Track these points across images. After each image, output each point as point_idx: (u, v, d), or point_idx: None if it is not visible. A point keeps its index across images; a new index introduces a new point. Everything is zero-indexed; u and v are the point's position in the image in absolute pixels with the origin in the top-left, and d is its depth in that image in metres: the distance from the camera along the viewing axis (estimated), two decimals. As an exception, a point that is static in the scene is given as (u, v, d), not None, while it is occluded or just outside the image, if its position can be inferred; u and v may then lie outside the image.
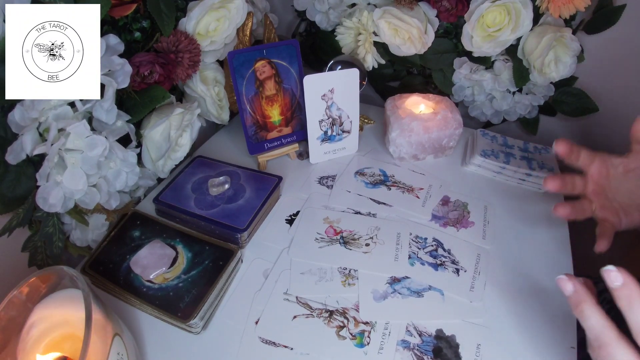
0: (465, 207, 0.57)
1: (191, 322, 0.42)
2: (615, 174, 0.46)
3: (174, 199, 0.55)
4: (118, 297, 0.46)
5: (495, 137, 0.67)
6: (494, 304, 0.46)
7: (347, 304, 0.45)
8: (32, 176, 0.44)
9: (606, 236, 0.45)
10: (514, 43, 0.65)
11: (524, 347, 0.42)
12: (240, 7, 0.57)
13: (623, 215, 0.46)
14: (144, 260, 0.46)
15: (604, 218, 0.46)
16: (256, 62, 0.57)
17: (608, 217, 0.46)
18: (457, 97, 0.74)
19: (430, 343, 0.42)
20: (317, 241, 0.52)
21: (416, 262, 0.49)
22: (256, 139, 0.62)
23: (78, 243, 0.52)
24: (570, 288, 0.32)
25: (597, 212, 0.47)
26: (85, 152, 0.43)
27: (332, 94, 0.60)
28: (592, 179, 0.47)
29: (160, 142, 0.53)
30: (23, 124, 0.42)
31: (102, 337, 0.31)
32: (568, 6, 0.58)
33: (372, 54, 0.69)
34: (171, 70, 0.53)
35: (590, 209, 0.47)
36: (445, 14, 0.64)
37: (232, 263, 0.47)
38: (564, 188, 0.47)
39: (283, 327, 0.43)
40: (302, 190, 0.60)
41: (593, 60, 0.66)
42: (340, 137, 0.65)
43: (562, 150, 0.47)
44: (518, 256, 0.51)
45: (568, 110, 0.70)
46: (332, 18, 0.74)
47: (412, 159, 0.65)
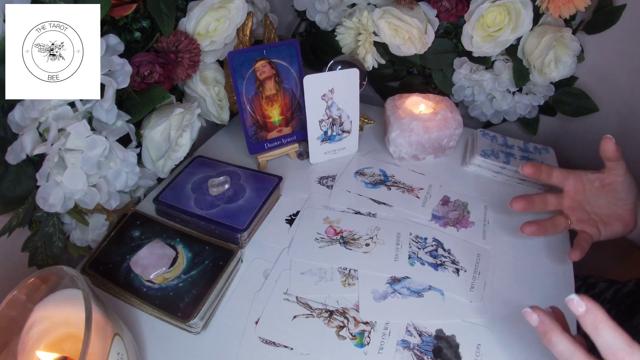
0: (465, 207, 0.57)
1: (191, 322, 0.42)
2: (592, 188, 0.48)
3: (174, 199, 0.55)
4: (118, 297, 0.46)
5: (495, 137, 0.67)
6: (494, 304, 0.46)
7: (347, 304, 0.45)
8: (32, 176, 0.44)
9: (580, 247, 0.47)
10: (514, 43, 0.65)
11: (524, 347, 0.42)
12: (240, 7, 0.57)
13: (602, 227, 0.48)
14: (144, 260, 0.46)
15: (582, 230, 0.48)
16: (256, 62, 0.57)
17: (586, 229, 0.48)
18: (457, 97, 0.74)
19: (430, 343, 0.42)
20: (317, 241, 0.52)
21: (416, 262, 0.49)
22: (256, 139, 0.62)
23: (78, 243, 0.52)
24: (535, 319, 0.34)
25: (575, 225, 0.49)
26: (85, 152, 0.43)
27: (332, 94, 0.60)
28: (568, 195, 0.49)
29: (160, 142, 0.53)
30: (23, 124, 0.42)
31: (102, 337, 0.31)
32: (568, 6, 0.58)
33: (372, 54, 0.69)
34: (171, 70, 0.53)
35: (566, 223, 0.49)
36: (445, 14, 0.64)
37: (232, 263, 0.47)
38: (530, 207, 0.49)
39: (283, 327, 0.43)
40: (302, 190, 0.60)
41: (593, 60, 0.66)
42: (340, 137, 0.65)
43: (528, 173, 0.49)
44: (518, 256, 0.51)
45: (568, 110, 0.70)
46: (332, 18, 0.74)
47: (412, 159, 0.65)
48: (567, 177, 0.49)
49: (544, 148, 0.65)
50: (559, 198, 0.50)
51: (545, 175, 0.49)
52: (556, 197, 0.50)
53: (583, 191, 0.49)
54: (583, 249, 0.47)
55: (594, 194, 0.48)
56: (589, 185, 0.48)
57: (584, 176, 0.48)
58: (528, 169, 0.48)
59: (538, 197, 0.49)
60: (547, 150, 0.65)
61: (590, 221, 0.48)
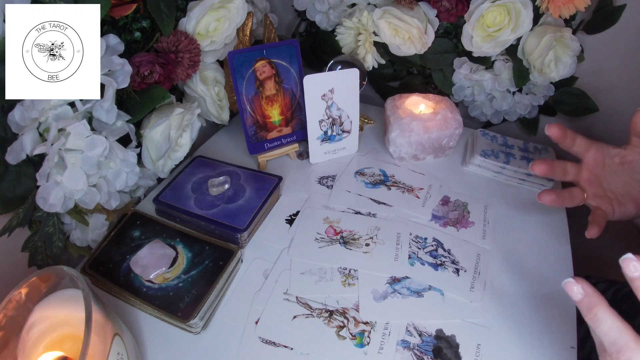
0: (465, 207, 0.57)
1: (191, 322, 0.42)
2: (611, 164, 0.46)
3: (174, 199, 0.55)
4: (118, 297, 0.46)
5: (495, 137, 0.67)
6: (494, 304, 0.46)
7: (347, 304, 0.45)
8: (32, 176, 0.44)
9: (597, 223, 0.44)
10: (514, 43, 0.65)
11: (524, 347, 0.42)
12: (240, 7, 0.57)
13: (616, 205, 0.46)
14: (144, 260, 0.46)
15: (597, 206, 0.46)
16: (256, 62, 0.57)
17: (601, 206, 0.46)
18: (457, 97, 0.74)
19: (430, 343, 0.42)
20: (317, 241, 0.52)
21: (416, 262, 0.49)
22: (256, 139, 0.62)
23: (78, 243, 0.52)
24: (580, 291, 0.30)
25: (590, 200, 0.47)
26: (85, 152, 0.43)
27: (332, 94, 0.60)
28: (587, 166, 0.47)
29: (160, 142, 0.53)
30: (23, 124, 0.42)
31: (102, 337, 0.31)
32: (568, 6, 0.58)
33: (372, 54, 0.69)
34: (171, 70, 0.53)
35: (582, 196, 0.46)
36: (445, 14, 0.64)
37: (232, 263, 0.47)
38: (552, 172, 0.46)
39: (283, 327, 0.43)
40: (302, 190, 0.60)
41: (593, 60, 0.66)
42: (340, 137, 0.65)
43: (554, 133, 0.46)
44: (518, 256, 0.51)
45: (568, 110, 0.70)
46: (332, 18, 0.74)
47: (412, 159, 0.65)
48: (589, 147, 0.47)
49: (544, 148, 0.65)
50: (577, 168, 0.48)
51: (570, 141, 0.46)
52: (575, 167, 0.48)
53: (602, 165, 0.47)
54: (600, 226, 0.44)
55: (612, 170, 0.46)
56: (608, 160, 0.46)
57: (605, 150, 0.46)
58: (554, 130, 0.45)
59: (559, 163, 0.47)
60: (547, 150, 0.65)
61: (606, 198, 0.46)
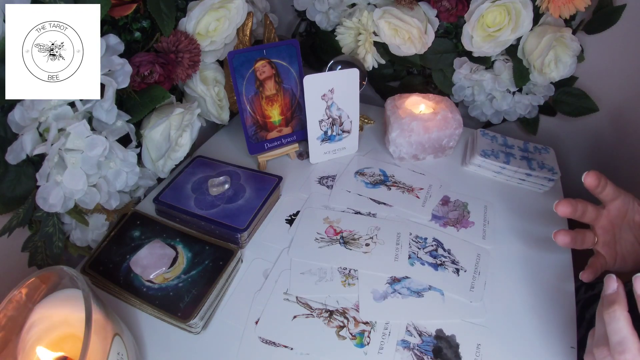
0: (465, 207, 0.57)
1: (191, 322, 0.42)
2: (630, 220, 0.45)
3: (174, 199, 0.55)
4: (118, 297, 0.46)
5: (495, 137, 0.67)
6: (494, 304, 0.46)
7: (347, 304, 0.45)
8: (32, 176, 0.44)
9: (595, 269, 0.45)
10: (514, 43, 0.65)
11: (524, 347, 0.42)
12: (240, 7, 0.57)
13: (619, 259, 0.45)
14: (144, 260, 0.46)
15: (601, 254, 0.46)
16: (256, 62, 0.57)
17: (605, 255, 0.46)
18: (457, 97, 0.74)
19: (430, 343, 0.42)
20: (317, 241, 0.52)
21: (416, 262, 0.49)
22: (256, 139, 0.62)
23: (78, 243, 0.52)
24: (614, 287, 0.33)
25: (598, 246, 0.46)
26: (85, 152, 0.43)
27: (332, 94, 0.60)
28: (608, 214, 0.46)
29: (160, 142, 0.53)
30: (23, 124, 0.42)
31: (102, 337, 0.31)
32: (568, 6, 0.58)
33: (372, 54, 0.69)
34: (171, 70, 0.53)
35: (593, 241, 0.46)
36: (445, 14, 0.64)
37: (232, 263, 0.47)
38: (573, 213, 0.45)
39: (283, 327, 0.43)
40: (302, 190, 0.60)
41: (593, 60, 0.66)
42: (340, 137, 0.65)
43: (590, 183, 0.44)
44: (518, 256, 0.51)
45: (568, 110, 0.70)
46: (332, 18, 0.74)
47: (412, 159, 0.65)
48: (617, 197, 0.45)
49: (544, 148, 0.65)
50: (597, 213, 0.46)
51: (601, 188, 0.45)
52: (595, 211, 0.46)
53: (623, 217, 0.45)
54: (596, 273, 0.44)
55: (629, 225, 0.45)
56: (630, 215, 0.45)
57: (631, 204, 0.45)
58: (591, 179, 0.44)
59: (581, 205, 0.46)
60: (547, 150, 0.65)
61: (613, 249, 0.46)
